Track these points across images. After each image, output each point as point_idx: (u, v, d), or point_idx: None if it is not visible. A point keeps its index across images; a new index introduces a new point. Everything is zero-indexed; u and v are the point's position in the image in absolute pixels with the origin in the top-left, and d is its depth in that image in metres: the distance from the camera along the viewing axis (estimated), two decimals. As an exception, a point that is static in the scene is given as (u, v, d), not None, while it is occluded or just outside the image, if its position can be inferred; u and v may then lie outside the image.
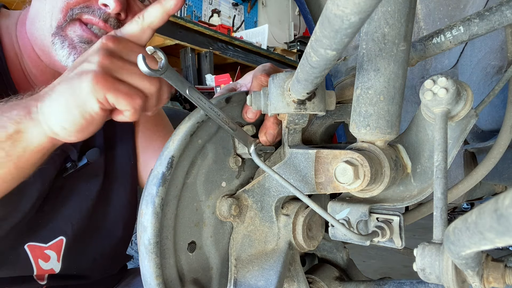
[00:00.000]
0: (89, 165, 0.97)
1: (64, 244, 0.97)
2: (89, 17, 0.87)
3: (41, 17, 0.88)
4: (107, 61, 0.61)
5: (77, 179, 0.98)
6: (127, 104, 0.62)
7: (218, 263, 0.69)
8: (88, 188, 1.01)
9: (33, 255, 0.94)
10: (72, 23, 0.87)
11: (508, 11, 0.59)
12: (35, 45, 0.92)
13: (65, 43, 0.87)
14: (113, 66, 0.62)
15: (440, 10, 1.07)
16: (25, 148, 0.65)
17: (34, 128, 0.64)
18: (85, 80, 0.60)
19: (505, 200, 0.24)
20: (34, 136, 0.65)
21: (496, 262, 0.47)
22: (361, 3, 0.31)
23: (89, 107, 0.61)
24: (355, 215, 0.64)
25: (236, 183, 0.72)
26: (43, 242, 0.95)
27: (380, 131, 0.58)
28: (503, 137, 0.71)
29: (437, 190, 0.48)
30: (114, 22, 0.89)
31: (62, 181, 0.95)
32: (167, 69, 0.58)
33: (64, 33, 0.87)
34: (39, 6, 0.89)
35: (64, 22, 0.86)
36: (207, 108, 0.62)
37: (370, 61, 0.57)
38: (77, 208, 0.99)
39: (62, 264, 0.98)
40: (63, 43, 0.87)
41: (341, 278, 0.85)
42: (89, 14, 0.87)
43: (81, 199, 1.00)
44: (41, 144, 0.66)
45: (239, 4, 6.02)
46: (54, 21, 0.86)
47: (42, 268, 0.95)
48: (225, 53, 4.09)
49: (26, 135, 0.64)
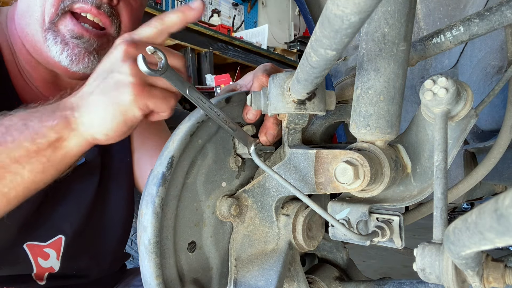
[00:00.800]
0: (86, 164, 0.98)
1: (63, 243, 0.97)
2: (81, 5, 0.87)
3: (31, 12, 0.87)
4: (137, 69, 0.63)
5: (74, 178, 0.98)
6: (165, 107, 0.67)
7: (218, 263, 0.69)
8: (86, 187, 1.01)
9: (32, 253, 0.94)
10: (63, 17, 0.86)
11: (508, 11, 0.59)
12: (25, 41, 0.91)
13: (58, 39, 0.86)
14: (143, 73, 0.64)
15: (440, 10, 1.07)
16: (65, 154, 0.69)
17: (75, 138, 0.68)
18: (125, 92, 0.63)
19: (505, 200, 0.24)
20: (74, 143, 0.68)
21: (496, 262, 0.47)
22: (361, 3, 0.31)
23: (131, 115, 0.65)
24: (355, 215, 0.64)
25: (236, 183, 0.72)
26: (42, 241, 0.95)
27: (380, 131, 0.58)
28: (503, 137, 0.71)
29: (437, 190, 0.48)
30: (107, 8, 0.89)
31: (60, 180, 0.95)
32: (167, 69, 0.58)
33: (56, 28, 0.86)
34: (29, 1, 0.88)
35: (56, 16, 0.86)
36: (207, 108, 0.62)
37: (370, 61, 0.57)
38: (75, 207, 0.99)
39: (61, 262, 0.98)
40: (55, 38, 0.86)
41: (341, 278, 0.85)
42: (80, 2, 0.86)
43: (79, 198, 1.00)
44: (81, 149, 0.70)
45: (239, 4, 6.02)
46: (46, 16, 0.86)
47: (42, 266, 0.96)
48: (225, 53, 4.09)
49: (66, 143, 0.68)
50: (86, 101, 0.67)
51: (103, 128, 0.66)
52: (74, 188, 0.99)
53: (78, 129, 0.67)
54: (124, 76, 0.64)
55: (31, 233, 0.93)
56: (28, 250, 0.93)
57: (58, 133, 0.67)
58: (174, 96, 0.69)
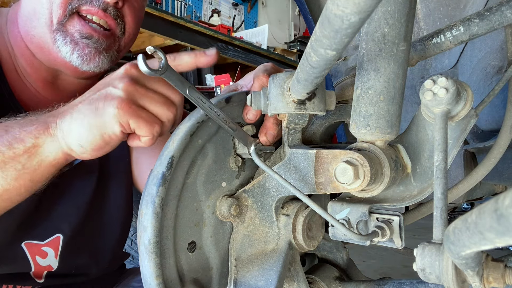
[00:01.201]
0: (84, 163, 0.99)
1: (61, 241, 0.98)
2: (88, 8, 0.88)
3: (38, 15, 0.88)
4: (132, 88, 0.64)
5: (72, 177, 0.99)
6: (147, 131, 0.66)
7: (218, 263, 0.69)
8: (84, 186, 1.02)
9: (30, 252, 0.94)
10: (71, 18, 0.88)
11: (508, 11, 0.59)
12: (30, 43, 0.92)
13: (67, 39, 0.88)
14: (137, 93, 0.65)
15: (440, 10, 1.07)
16: (40, 162, 0.68)
17: (51, 144, 0.67)
18: (111, 104, 0.63)
19: (505, 200, 0.24)
20: (50, 151, 0.68)
21: (496, 262, 0.47)
22: (361, 3, 0.31)
23: (110, 130, 0.64)
24: (355, 215, 0.64)
25: (236, 183, 0.72)
26: (40, 239, 0.95)
27: (380, 131, 0.58)
28: (503, 137, 0.71)
29: (437, 190, 0.48)
30: (113, 11, 0.91)
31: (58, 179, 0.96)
32: (167, 69, 0.58)
33: (65, 28, 0.88)
34: (35, 4, 0.88)
35: (64, 17, 0.87)
36: (207, 108, 0.62)
37: (370, 61, 0.57)
38: (73, 206, 1.00)
39: (59, 261, 0.98)
40: (65, 39, 0.88)
41: (341, 278, 0.85)
42: (87, 5, 0.88)
43: (78, 197, 1.01)
44: (56, 159, 0.69)
45: (239, 4, 6.02)
46: (54, 17, 0.87)
47: (40, 265, 0.96)
48: (225, 53, 4.09)
49: (42, 149, 0.67)
50: (73, 109, 0.67)
51: (79, 137, 0.65)
52: (72, 187, 1.00)
53: (56, 134, 0.67)
54: (116, 90, 0.64)
55: (29, 232, 0.94)
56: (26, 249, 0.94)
57: (36, 137, 0.66)
58: (159, 123, 0.67)
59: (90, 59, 0.89)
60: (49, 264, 0.97)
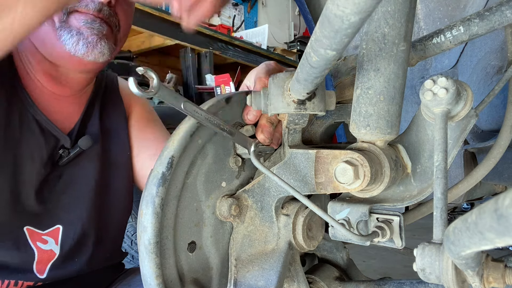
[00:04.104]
0: (85, 155, 1.01)
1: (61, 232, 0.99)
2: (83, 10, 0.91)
3: None
4: None
5: (74, 168, 1.01)
6: None
7: (218, 263, 0.69)
8: (86, 177, 1.03)
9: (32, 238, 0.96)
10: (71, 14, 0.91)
11: (508, 11, 0.59)
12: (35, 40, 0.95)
13: (73, 32, 0.90)
14: None
15: (440, 10, 1.07)
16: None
17: None
18: None
19: (505, 200, 0.24)
20: None
21: (496, 262, 0.47)
22: (361, 3, 0.31)
23: None
24: (355, 215, 0.64)
25: (236, 183, 0.72)
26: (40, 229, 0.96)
27: (380, 131, 0.58)
28: (503, 137, 0.71)
29: (437, 190, 0.48)
30: (107, 11, 0.94)
31: (60, 170, 0.99)
32: (159, 88, 0.56)
33: (67, 24, 0.91)
34: None
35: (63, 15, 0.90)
36: (204, 119, 0.61)
37: (370, 61, 0.57)
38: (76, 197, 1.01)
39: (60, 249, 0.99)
40: (70, 32, 0.90)
41: (341, 278, 0.85)
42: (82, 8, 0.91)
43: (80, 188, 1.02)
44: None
45: (239, 4, 6.02)
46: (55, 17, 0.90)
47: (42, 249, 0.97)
48: (225, 53, 4.09)
49: None
50: None
51: None
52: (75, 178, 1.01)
53: None
54: None
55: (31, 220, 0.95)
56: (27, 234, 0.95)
57: None
58: None
59: (93, 46, 0.91)
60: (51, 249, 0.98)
